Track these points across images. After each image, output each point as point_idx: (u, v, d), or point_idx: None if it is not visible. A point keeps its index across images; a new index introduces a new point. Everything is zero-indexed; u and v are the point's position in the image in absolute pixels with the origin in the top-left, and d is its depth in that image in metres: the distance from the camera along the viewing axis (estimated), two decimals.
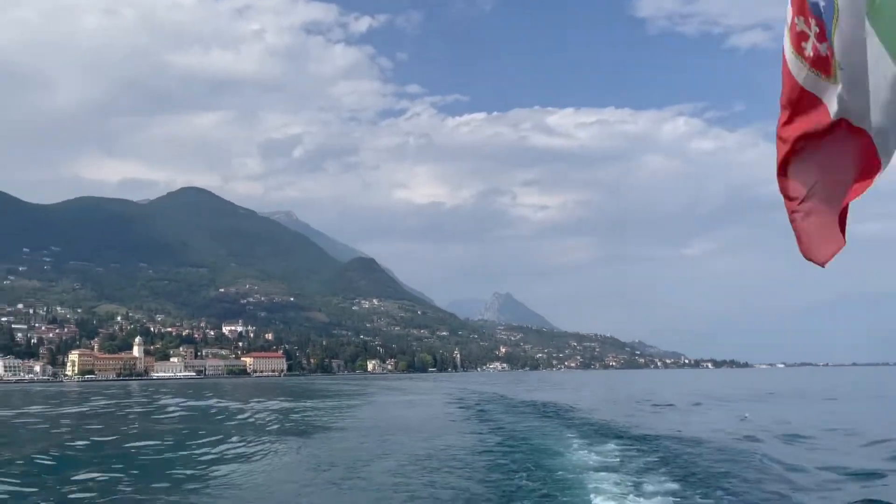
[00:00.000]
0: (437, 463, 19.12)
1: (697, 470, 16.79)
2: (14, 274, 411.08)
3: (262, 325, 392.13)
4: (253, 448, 24.10)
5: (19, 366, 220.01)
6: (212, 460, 21.28)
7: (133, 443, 26.28)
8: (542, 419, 33.37)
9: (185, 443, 26.82)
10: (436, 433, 28.51)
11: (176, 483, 17.24)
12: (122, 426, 35.55)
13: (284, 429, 33.22)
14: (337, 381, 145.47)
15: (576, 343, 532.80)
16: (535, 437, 24.75)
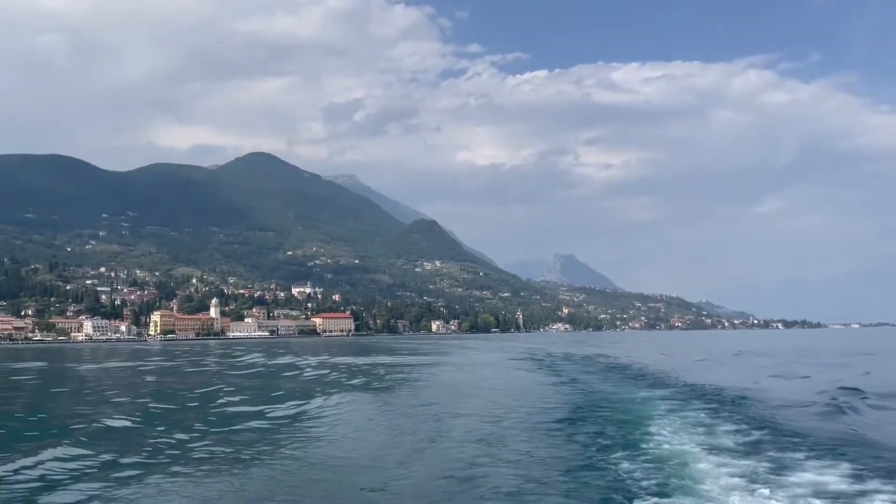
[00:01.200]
0: (521, 420, 19.69)
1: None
2: (95, 239, 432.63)
3: (329, 286, 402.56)
4: (340, 401, 25.24)
5: (107, 326, 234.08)
6: (300, 412, 22.54)
7: (235, 392, 29.06)
8: (631, 380, 34.30)
9: (274, 395, 29.06)
10: (515, 389, 30.33)
11: (269, 430, 18.87)
12: (227, 378, 38.78)
13: (372, 383, 35.28)
14: (407, 341, 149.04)
15: (640, 304, 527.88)
16: (617, 398, 25.74)
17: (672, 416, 18.94)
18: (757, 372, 37.84)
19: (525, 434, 17.40)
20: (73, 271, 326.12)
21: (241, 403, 26.34)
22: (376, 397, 27.02)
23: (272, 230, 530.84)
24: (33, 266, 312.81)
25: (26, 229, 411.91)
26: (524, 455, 14.70)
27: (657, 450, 14.32)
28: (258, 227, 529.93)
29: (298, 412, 22.93)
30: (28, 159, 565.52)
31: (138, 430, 19.13)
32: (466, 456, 14.86)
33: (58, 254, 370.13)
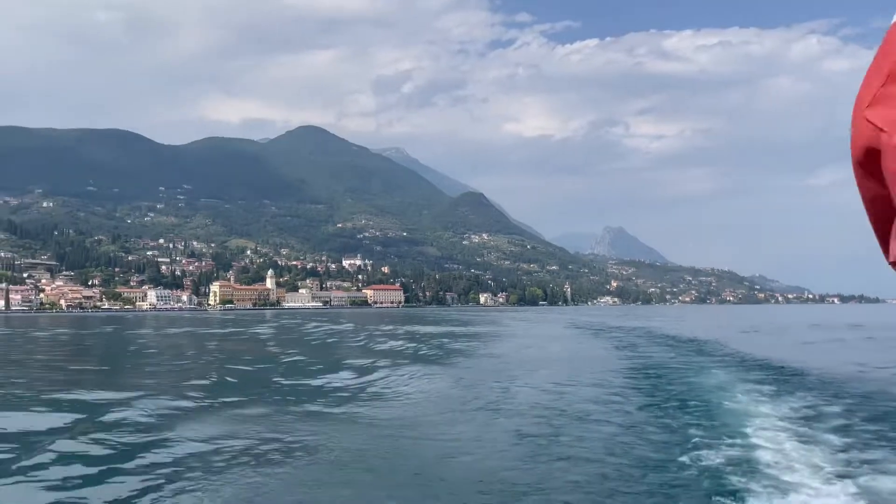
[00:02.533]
0: (595, 391, 19.40)
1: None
2: (153, 211, 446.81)
3: (378, 258, 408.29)
4: (410, 371, 25.38)
5: (169, 295, 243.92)
6: (371, 380, 22.73)
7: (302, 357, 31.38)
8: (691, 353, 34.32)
9: (345, 362, 30.11)
10: (582, 360, 31.50)
11: (335, 399, 18.95)
12: (300, 346, 41.52)
13: (437, 352, 36.40)
14: (458, 312, 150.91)
15: (690, 277, 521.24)
16: (679, 371, 25.93)
17: (768, 401, 17.57)
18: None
19: (599, 408, 16.83)
20: (133, 242, 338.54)
21: (315, 370, 27.20)
22: (445, 367, 27.43)
23: (322, 203, 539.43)
24: (97, 237, 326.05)
25: (88, 202, 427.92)
26: (599, 431, 13.91)
27: (741, 433, 13.29)
28: (308, 200, 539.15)
29: (369, 380, 23.14)
30: (89, 133, 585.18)
31: (221, 393, 20.11)
32: (539, 427, 14.30)
33: (119, 226, 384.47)
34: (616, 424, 14.51)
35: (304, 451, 12.18)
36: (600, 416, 15.58)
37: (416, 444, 12.95)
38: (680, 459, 11.19)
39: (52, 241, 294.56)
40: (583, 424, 14.77)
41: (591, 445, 12.46)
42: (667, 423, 14.55)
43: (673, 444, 12.33)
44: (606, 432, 13.68)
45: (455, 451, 12.25)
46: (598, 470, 10.70)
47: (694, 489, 9.78)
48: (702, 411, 15.80)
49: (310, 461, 11.52)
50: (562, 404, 17.25)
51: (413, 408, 17.23)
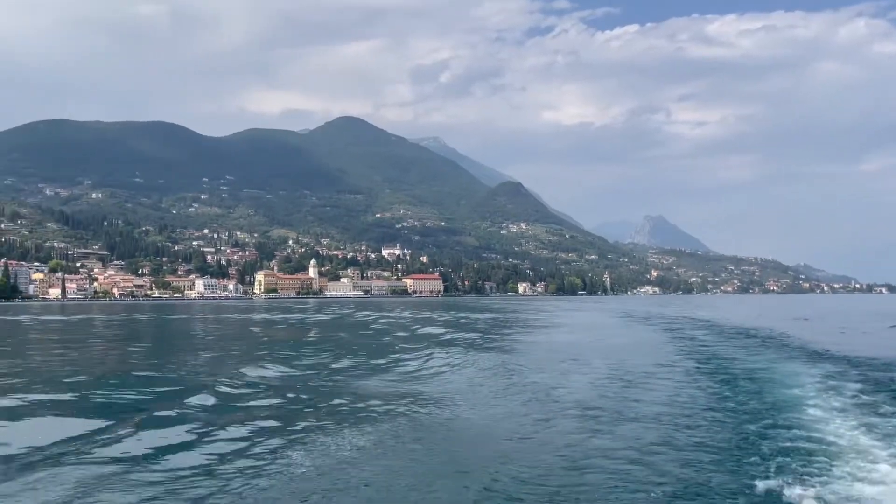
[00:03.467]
0: (651, 380, 18.90)
1: None
2: (197, 202, 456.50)
3: (416, 248, 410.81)
4: (461, 358, 25.53)
5: (216, 284, 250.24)
6: (421, 368, 22.62)
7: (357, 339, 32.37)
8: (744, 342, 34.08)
9: (394, 349, 30.85)
10: (633, 348, 31.16)
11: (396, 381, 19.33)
12: (348, 331, 42.99)
13: (485, 339, 36.78)
14: (499, 301, 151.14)
15: (733, 267, 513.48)
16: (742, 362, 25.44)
17: (821, 389, 17.32)
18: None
19: (659, 395, 16.48)
20: (179, 233, 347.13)
21: (367, 358, 27.33)
22: (496, 354, 27.34)
23: (361, 193, 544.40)
24: (144, 228, 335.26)
25: (135, 193, 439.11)
26: (661, 420, 13.46)
27: (807, 424, 13.01)
28: (348, 190, 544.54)
29: (419, 367, 22.97)
30: (134, 126, 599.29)
31: (280, 381, 20.11)
32: (597, 418, 13.80)
33: (165, 216, 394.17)
34: (692, 427, 13.26)
35: (353, 437, 12.08)
36: (671, 411, 14.68)
37: (469, 433, 12.64)
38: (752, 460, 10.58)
39: (101, 232, 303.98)
40: (644, 415, 14.08)
41: (653, 442, 11.70)
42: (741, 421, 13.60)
43: (746, 449, 11.34)
44: (677, 433, 12.54)
45: (509, 443, 11.78)
46: (665, 468, 10.08)
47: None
48: (778, 409, 14.76)
49: (358, 447, 11.38)
50: (623, 393, 16.79)
51: (468, 396, 16.84)
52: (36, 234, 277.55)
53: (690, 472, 9.96)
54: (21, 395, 16.84)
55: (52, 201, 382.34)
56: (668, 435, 12.25)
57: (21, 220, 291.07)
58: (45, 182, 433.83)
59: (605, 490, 9.22)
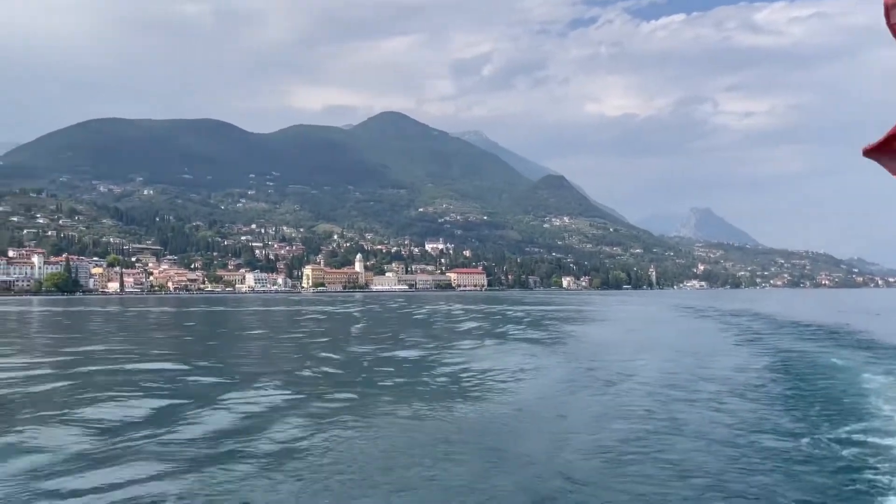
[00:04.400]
0: (717, 380, 17.59)
1: None
2: (244, 197, 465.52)
3: (459, 242, 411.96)
4: (513, 351, 25.24)
5: (266, 278, 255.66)
6: (473, 361, 22.10)
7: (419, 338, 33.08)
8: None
9: (450, 341, 30.68)
10: (691, 344, 29.56)
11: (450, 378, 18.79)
12: (405, 325, 43.68)
13: (537, 333, 36.38)
14: (545, 296, 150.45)
15: (783, 260, 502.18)
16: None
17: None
18: None
19: (727, 398, 15.07)
20: (228, 228, 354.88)
21: (428, 348, 27.40)
22: (550, 348, 26.98)
23: (404, 188, 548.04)
24: (195, 223, 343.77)
25: (185, 189, 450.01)
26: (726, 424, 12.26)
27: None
28: (391, 185, 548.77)
29: (471, 361, 22.48)
30: (183, 123, 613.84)
31: (339, 374, 20.02)
32: (658, 418, 12.86)
33: (213, 212, 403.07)
34: (756, 422, 12.45)
35: (406, 428, 11.99)
36: (731, 408, 13.87)
37: (526, 428, 12.27)
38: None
39: (154, 227, 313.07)
40: (708, 414, 13.21)
41: (716, 442, 10.95)
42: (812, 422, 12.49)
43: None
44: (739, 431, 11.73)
45: (567, 439, 11.30)
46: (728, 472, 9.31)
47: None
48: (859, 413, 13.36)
49: (411, 438, 11.23)
50: (686, 392, 15.81)
51: (525, 391, 16.39)
52: (92, 229, 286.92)
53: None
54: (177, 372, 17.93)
55: (105, 198, 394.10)
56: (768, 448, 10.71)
57: (78, 217, 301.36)
58: (99, 179, 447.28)
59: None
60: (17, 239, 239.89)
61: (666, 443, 10.94)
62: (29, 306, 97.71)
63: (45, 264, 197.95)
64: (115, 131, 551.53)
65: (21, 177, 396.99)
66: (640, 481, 8.96)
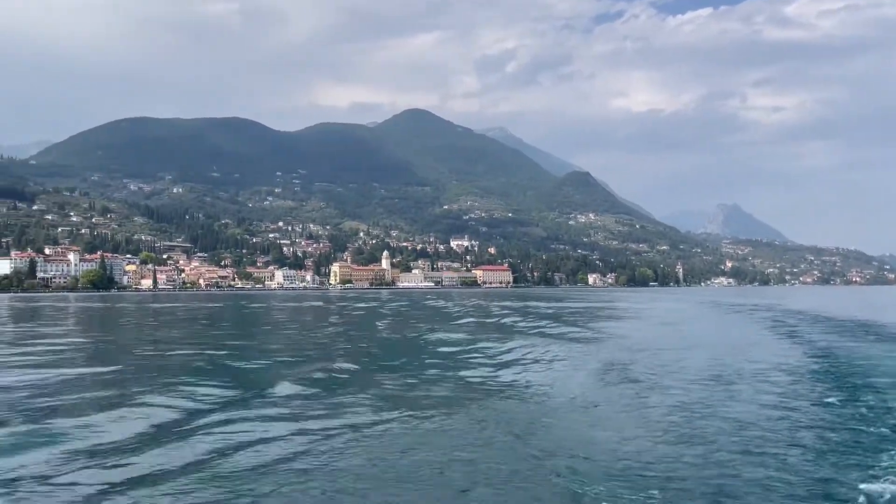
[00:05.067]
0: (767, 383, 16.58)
1: None
2: (271, 195, 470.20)
3: (484, 239, 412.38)
4: (551, 349, 24.46)
5: (294, 275, 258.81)
6: (512, 359, 21.60)
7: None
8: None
9: (486, 338, 30.18)
10: (733, 343, 28.02)
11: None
12: (440, 321, 44.32)
13: (573, 330, 35.54)
14: (574, 293, 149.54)
15: (812, 257, 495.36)
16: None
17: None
18: None
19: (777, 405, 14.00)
20: (256, 225, 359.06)
21: (462, 345, 27.04)
22: (590, 346, 26.32)
23: (429, 185, 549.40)
24: (224, 221, 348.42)
25: (213, 187, 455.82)
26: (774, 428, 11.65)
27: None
28: (416, 182, 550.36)
29: (511, 359, 21.94)
30: (211, 122, 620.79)
31: (366, 371, 19.83)
32: (699, 418, 12.35)
33: (241, 209, 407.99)
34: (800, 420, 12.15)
35: (445, 424, 11.87)
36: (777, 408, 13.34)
37: (558, 426, 11.86)
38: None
39: (184, 225, 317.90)
40: (751, 413, 12.66)
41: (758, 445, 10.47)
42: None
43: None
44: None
45: (601, 435, 11.06)
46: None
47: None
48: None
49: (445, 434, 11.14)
50: (724, 389, 15.29)
51: (558, 388, 15.87)
52: (124, 227, 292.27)
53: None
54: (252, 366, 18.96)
55: (135, 196, 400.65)
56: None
57: (110, 215, 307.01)
58: (130, 177, 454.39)
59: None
60: (52, 237, 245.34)
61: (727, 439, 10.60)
62: (89, 302, 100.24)
63: (80, 261, 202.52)
64: (144, 130, 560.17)
65: (54, 175, 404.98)
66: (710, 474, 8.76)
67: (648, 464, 9.52)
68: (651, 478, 8.91)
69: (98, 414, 12.91)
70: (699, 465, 9.52)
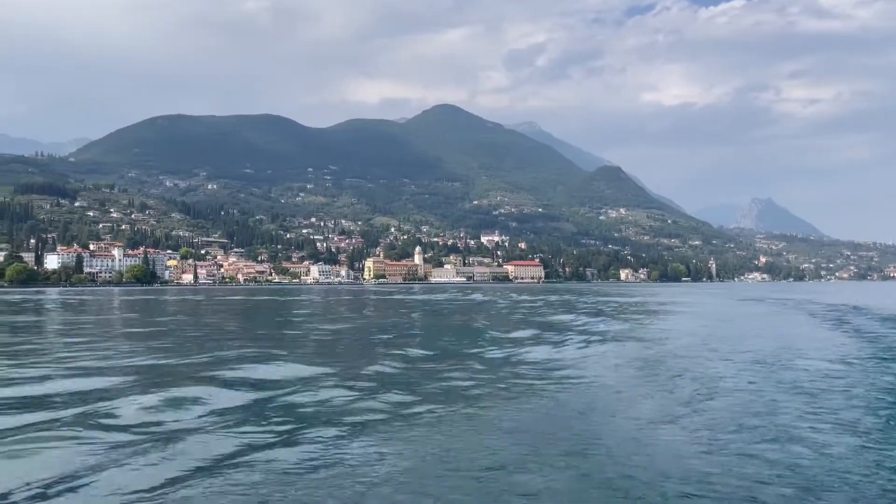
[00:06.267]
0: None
1: None
2: (304, 191, 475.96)
3: (514, 234, 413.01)
4: (599, 346, 23.41)
5: (330, 270, 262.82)
6: (557, 357, 20.27)
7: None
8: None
9: (529, 333, 29.25)
10: (791, 341, 24.67)
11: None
12: (487, 315, 45.52)
13: (617, 325, 34.35)
14: (608, 288, 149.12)
15: (849, 252, 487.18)
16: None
17: None
18: None
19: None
20: (289, 221, 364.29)
21: (508, 339, 26.55)
22: (633, 341, 25.25)
23: (458, 180, 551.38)
24: (258, 217, 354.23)
25: (246, 184, 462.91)
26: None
27: None
28: (445, 178, 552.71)
29: (555, 356, 20.60)
30: (244, 119, 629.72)
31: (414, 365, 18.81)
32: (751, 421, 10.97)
33: (274, 205, 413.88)
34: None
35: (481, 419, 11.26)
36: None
37: (599, 426, 10.87)
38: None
39: (220, 221, 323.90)
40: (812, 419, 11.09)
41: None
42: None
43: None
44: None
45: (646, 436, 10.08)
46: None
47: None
48: None
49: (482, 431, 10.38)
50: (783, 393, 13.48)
51: (599, 386, 14.79)
52: (162, 223, 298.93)
53: None
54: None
55: (171, 192, 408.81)
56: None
57: (149, 211, 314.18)
58: (166, 174, 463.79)
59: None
60: (94, 233, 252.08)
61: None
62: (145, 295, 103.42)
63: (124, 257, 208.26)
64: (179, 128, 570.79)
65: (92, 172, 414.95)
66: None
67: (720, 469, 8.56)
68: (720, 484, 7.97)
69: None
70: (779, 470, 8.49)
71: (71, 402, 12.55)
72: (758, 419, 11.25)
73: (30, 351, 22.57)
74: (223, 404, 12.31)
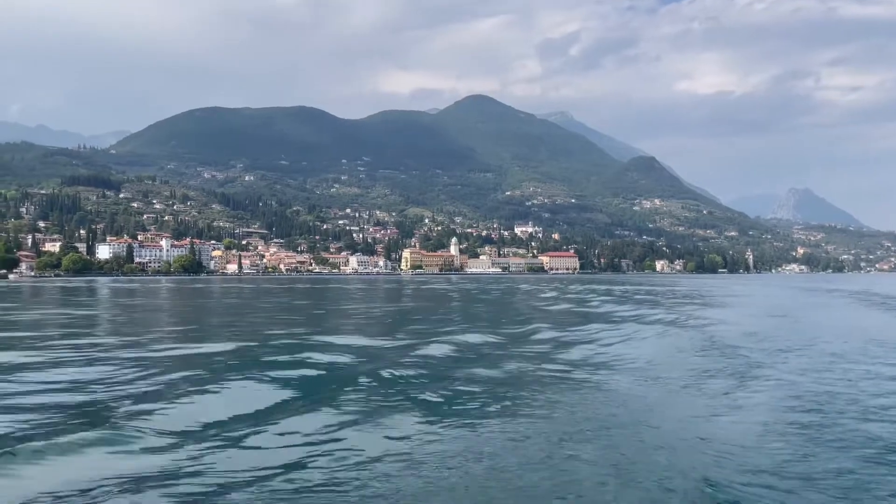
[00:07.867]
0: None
1: None
2: (338, 183, 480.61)
3: (547, 225, 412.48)
4: (656, 338, 22.88)
5: (367, 261, 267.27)
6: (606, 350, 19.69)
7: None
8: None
9: (581, 327, 28.88)
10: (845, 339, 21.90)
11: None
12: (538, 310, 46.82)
13: (668, 316, 34.17)
14: (645, 279, 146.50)
15: (889, 243, 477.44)
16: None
17: None
18: None
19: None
20: (325, 212, 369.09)
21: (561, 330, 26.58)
22: (694, 332, 24.66)
23: (491, 171, 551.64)
24: (295, 208, 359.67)
25: (282, 175, 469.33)
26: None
27: None
28: (478, 169, 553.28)
29: (602, 349, 20.06)
30: (279, 111, 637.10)
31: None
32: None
33: (310, 196, 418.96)
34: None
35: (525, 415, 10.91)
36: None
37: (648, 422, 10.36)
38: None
39: (258, 212, 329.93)
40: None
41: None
42: None
43: None
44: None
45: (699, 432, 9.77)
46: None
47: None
48: None
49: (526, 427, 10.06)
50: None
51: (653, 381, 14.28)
52: (203, 214, 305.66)
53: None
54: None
55: (210, 184, 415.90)
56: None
57: (190, 202, 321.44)
58: (203, 166, 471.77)
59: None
60: (140, 223, 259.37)
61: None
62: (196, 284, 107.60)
63: (171, 247, 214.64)
64: (216, 120, 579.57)
65: (133, 164, 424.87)
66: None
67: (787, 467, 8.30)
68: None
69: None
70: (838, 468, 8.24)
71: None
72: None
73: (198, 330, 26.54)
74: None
